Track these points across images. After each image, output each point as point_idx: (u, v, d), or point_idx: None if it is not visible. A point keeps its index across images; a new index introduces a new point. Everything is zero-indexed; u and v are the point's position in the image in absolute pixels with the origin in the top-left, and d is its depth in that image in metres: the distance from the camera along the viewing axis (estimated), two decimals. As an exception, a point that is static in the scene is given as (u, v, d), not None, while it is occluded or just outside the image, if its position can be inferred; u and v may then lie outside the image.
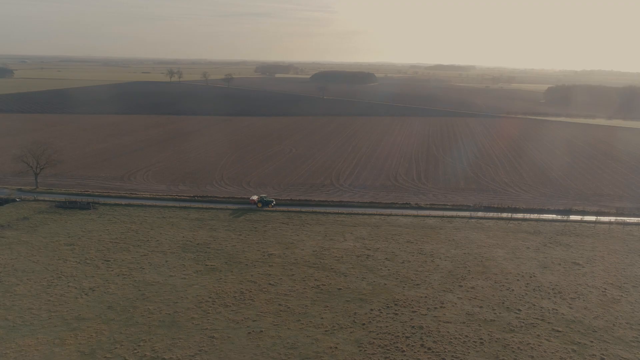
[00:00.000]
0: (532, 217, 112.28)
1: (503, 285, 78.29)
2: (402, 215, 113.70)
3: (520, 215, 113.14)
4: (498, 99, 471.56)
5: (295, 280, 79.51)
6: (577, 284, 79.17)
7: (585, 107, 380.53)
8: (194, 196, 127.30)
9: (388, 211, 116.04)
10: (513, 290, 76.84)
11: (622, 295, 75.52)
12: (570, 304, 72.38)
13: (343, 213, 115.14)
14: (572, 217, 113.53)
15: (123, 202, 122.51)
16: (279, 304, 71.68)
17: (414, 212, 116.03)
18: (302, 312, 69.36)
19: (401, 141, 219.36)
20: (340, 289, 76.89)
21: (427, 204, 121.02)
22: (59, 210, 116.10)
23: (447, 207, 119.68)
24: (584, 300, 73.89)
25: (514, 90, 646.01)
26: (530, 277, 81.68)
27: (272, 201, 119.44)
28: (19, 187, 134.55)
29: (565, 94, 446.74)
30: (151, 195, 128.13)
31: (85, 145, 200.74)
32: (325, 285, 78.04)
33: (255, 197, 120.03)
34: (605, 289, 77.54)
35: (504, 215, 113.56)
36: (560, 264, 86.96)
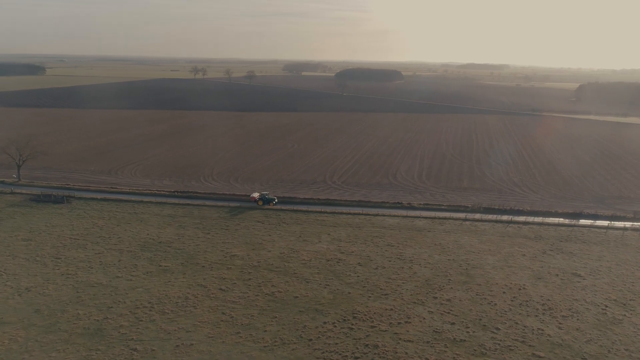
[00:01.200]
0: (535, 220, 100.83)
1: (485, 299, 68.00)
2: (390, 216, 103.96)
3: (522, 218, 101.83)
4: (526, 97, 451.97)
5: (250, 286, 71.21)
6: (574, 299, 68.17)
7: (618, 104, 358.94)
8: (173, 191, 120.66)
9: (375, 211, 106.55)
10: (495, 304, 66.51)
11: (625, 315, 64.24)
12: (560, 324, 61.66)
13: (325, 212, 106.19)
14: (582, 222, 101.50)
15: (99, 196, 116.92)
16: (223, 313, 63.53)
17: (405, 212, 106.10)
18: (244, 324, 61.00)
19: (411, 137, 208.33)
20: (297, 297, 68.18)
21: (420, 204, 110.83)
22: (31, 203, 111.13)
23: (442, 207, 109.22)
24: (577, 319, 63.01)
25: (545, 88, 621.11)
26: (519, 289, 71.05)
27: (274, 199, 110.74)
28: (2, 180, 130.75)
29: (597, 92, 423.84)
30: (130, 190, 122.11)
31: (87, 139, 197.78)
32: (281, 292, 69.46)
33: (256, 195, 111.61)
34: (606, 307, 66.32)
35: (504, 217, 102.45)
36: (557, 275, 75.88)
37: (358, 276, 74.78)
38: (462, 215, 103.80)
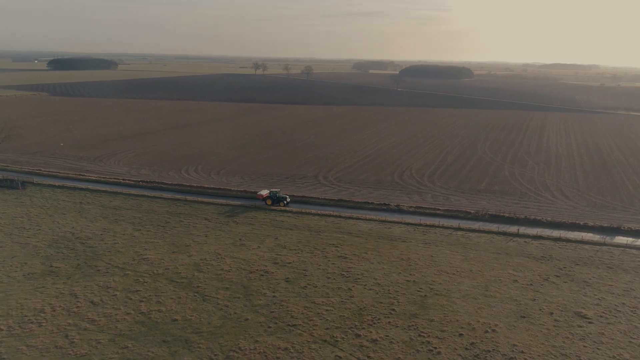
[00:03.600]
0: (551, 234, 77.24)
1: (427, 343, 47.86)
2: (365, 219, 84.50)
3: (534, 231, 78.52)
4: (605, 96, 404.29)
5: (129, 301, 55.66)
6: (562, 354, 46.33)
7: None
8: (139, 181, 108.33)
9: (351, 212, 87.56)
10: (439, 353, 46.28)
11: (635, 388, 41.73)
12: (523, 394, 40.56)
13: (290, 211, 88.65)
14: (618, 239, 76.62)
15: (58, 183, 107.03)
16: (65, 336, 48.43)
17: (388, 215, 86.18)
18: (79, 354, 45.55)
19: (447, 132, 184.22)
20: (176, 319, 51.73)
21: (411, 207, 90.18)
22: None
23: (437, 212, 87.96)
24: (555, 388, 41.50)
25: (633, 87, 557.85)
26: (486, 332, 50.00)
27: (286, 197, 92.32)
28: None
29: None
30: (96, 178, 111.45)
31: (105, 125, 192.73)
32: (161, 311, 53.29)
33: (264, 192, 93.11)
34: (610, 370, 43.96)
35: (512, 229, 79.65)
36: (551, 314, 53.68)
37: (274, 296, 56.93)
38: (456, 223, 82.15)
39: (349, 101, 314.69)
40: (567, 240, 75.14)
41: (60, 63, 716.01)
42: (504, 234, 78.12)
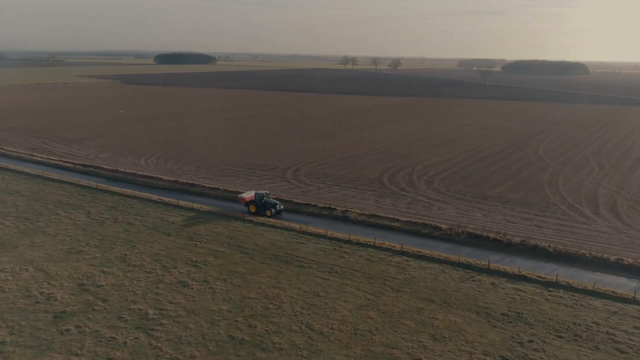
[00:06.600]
0: (546, 275, 47.16)
1: None
2: (280, 228, 60.05)
3: (516, 267, 48.79)
4: None
5: None
6: None
7: None
8: (77, 164, 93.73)
9: (270, 220, 63.58)
10: None
11: None
12: None
13: (196, 210, 66.85)
14: (668, 293, 44.64)
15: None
16: None
17: (326, 225, 60.95)
18: None
19: (505, 126, 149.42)
20: None
21: (362, 215, 63.87)
22: None
23: (395, 225, 60.76)
24: None
25: None
26: None
27: (277, 204, 66.65)
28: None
29: None
30: (42, 159, 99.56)
31: (130, 109, 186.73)
32: None
33: (248, 195, 67.03)
34: None
35: (483, 261, 50.55)
36: None
37: (2, 343, 35.87)
38: (413, 242, 54.72)
39: (419, 93, 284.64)
40: (569, 288, 44.68)
41: (164, 58, 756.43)
42: (466, 266, 49.31)
